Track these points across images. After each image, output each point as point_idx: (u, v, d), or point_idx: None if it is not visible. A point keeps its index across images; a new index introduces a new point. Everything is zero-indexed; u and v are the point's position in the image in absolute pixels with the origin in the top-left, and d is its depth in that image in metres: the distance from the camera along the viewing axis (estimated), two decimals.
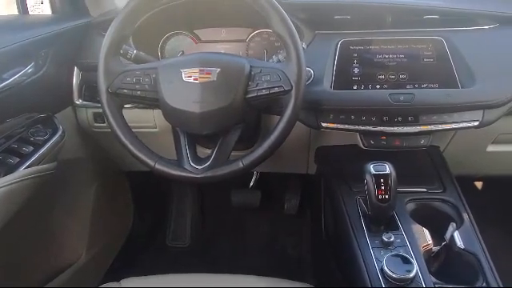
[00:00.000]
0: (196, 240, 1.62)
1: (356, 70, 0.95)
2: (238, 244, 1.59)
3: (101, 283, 0.87)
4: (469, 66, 0.92)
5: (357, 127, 0.93)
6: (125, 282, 0.88)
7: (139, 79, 0.82)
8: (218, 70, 0.79)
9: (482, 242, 0.81)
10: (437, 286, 0.73)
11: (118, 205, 1.46)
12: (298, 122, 0.96)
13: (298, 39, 0.79)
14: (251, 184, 1.63)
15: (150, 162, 0.82)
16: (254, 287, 0.85)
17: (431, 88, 0.92)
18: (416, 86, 0.93)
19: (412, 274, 0.71)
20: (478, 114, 0.91)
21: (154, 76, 0.82)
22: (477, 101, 0.90)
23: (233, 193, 1.61)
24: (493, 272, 0.74)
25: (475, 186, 1.55)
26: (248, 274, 0.88)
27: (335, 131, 0.97)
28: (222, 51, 1.11)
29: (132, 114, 1.05)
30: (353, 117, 0.93)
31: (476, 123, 0.91)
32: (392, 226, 0.84)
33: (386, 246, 0.79)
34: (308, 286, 0.88)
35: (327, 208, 1.15)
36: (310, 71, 0.94)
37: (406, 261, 0.72)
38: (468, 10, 0.99)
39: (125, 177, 1.45)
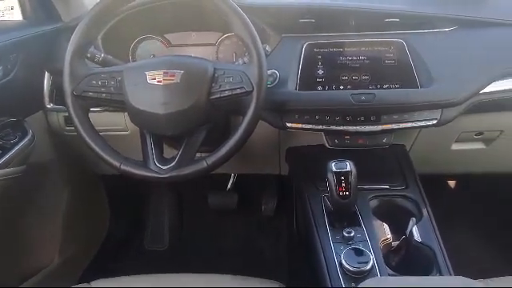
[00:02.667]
0: (174, 243, 1.62)
1: (320, 72, 0.98)
2: (215, 246, 1.60)
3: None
4: (428, 67, 0.95)
5: (321, 127, 0.96)
6: (95, 283, 0.89)
7: (105, 82, 0.84)
8: (182, 72, 0.81)
9: (439, 235, 0.84)
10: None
11: (93, 208, 1.46)
12: (265, 123, 1.00)
13: (259, 42, 0.81)
14: (228, 186, 1.64)
15: (115, 163, 0.83)
16: (223, 287, 0.86)
17: (392, 88, 0.95)
18: (378, 86, 0.96)
19: (368, 267, 0.73)
20: (437, 113, 0.94)
21: (119, 79, 0.84)
22: (435, 100, 0.93)
23: (210, 195, 1.62)
24: (446, 262, 0.77)
25: (447, 184, 1.59)
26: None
27: (303, 131, 1.00)
28: (192, 55, 1.13)
29: (103, 118, 1.08)
30: (317, 117, 0.95)
31: (434, 121, 0.94)
32: (354, 222, 0.87)
33: (347, 240, 0.82)
34: (277, 284, 0.90)
35: (298, 208, 1.17)
36: (275, 73, 0.97)
37: (363, 254, 0.75)
38: (428, 14, 1.02)
39: (100, 180, 1.46)
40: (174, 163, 0.84)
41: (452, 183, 1.60)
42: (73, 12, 1.16)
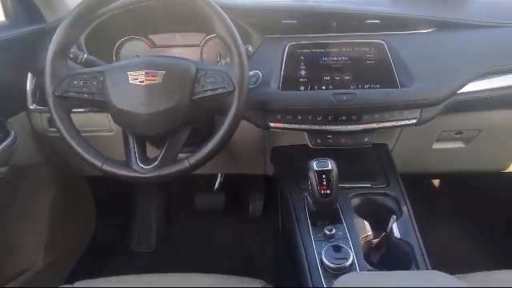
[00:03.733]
0: (161, 244, 1.62)
1: (303, 72, 0.99)
2: (203, 247, 1.60)
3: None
4: (408, 68, 0.97)
5: (303, 126, 0.97)
6: (78, 284, 0.88)
7: (87, 82, 0.84)
8: (164, 72, 0.82)
9: (418, 232, 0.85)
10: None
11: (79, 210, 1.45)
12: (250, 123, 1.01)
13: (240, 42, 0.82)
14: (216, 187, 1.65)
15: (97, 163, 0.84)
16: (203, 287, 0.86)
17: (373, 88, 0.97)
18: (359, 86, 0.97)
19: (348, 263, 0.75)
20: (416, 112, 0.96)
21: (101, 79, 0.84)
22: (414, 100, 0.95)
23: (197, 196, 1.62)
24: (424, 258, 0.79)
25: (430, 183, 1.62)
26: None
27: (287, 131, 1.01)
28: (177, 55, 1.13)
29: (87, 119, 1.08)
30: (299, 116, 0.97)
31: (414, 121, 0.96)
32: (335, 220, 0.88)
33: (328, 238, 0.83)
34: (260, 282, 0.90)
35: (283, 207, 1.18)
36: (258, 73, 0.98)
37: (343, 251, 0.76)
38: (408, 16, 1.05)
39: (85, 182, 1.45)
40: (156, 163, 0.84)
41: (434, 182, 1.63)
42: (57, 13, 1.16)
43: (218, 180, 1.65)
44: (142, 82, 0.82)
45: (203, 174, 1.40)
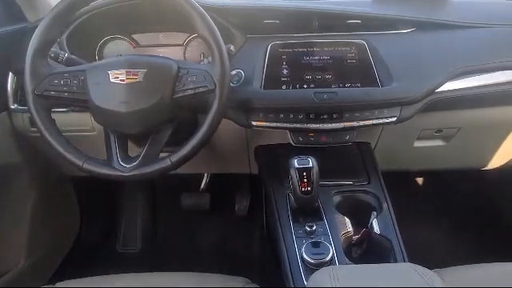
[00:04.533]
0: (147, 245, 1.61)
1: (285, 71, 1.00)
2: (189, 247, 1.60)
3: None
4: (387, 67, 0.99)
5: (285, 125, 0.98)
6: (60, 284, 0.88)
7: (67, 81, 0.84)
8: (145, 71, 0.82)
9: (397, 227, 0.87)
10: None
11: (62, 211, 1.44)
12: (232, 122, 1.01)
13: (221, 41, 0.83)
14: (202, 187, 1.65)
15: (78, 162, 0.83)
16: (185, 286, 0.86)
17: (354, 87, 0.99)
18: (340, 85, 0.99)
19: (327, 258, 0.76)
20: (396, 111, 0.98)
21: (82, 78, 0.84)
22: (394, 98, 0.97)
23: (183, 196, 1.62)
24: (402, 253, 0.80)
25: (412, 180, 1.64)
26: None
27: (270, 130, 1.02)
28: (160, 55, 1.14)
29: (69, 118, 1.07)
30: (281, 115, 0.97)
31: (394, 119, 0.98)
32: (317, 217, 0.89)
33: (309, 234, 0.84)
34: (242, 280, 0.91)
35: (267, 205, 1.19)
36: (240, 72, 0.98)
37: (322, 246, 0.77)
38: (388, 16, 1.06)
39: (69, 182, 1.44)
40: (137, 161, 0.84)
41: (416, 179, 1.66)
42: (39, 13, 1.15)
43: (204, 180, 1.65)
44: (123, 80, 0.82)
45: (189, 173, 1.40)
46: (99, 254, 1.55)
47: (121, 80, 0.82)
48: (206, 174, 1.65)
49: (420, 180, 1.63)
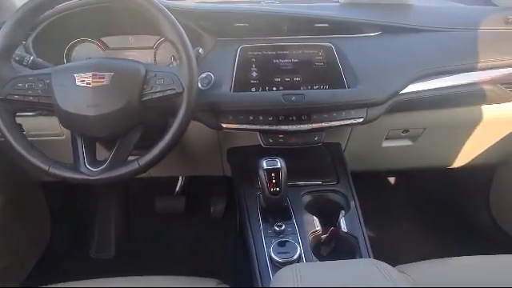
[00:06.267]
0: (121, 250, 1.59)
1: (254, 74, 1.02)
2: (164, 251, 1.59)
3: None
4: (354, 69, 1.02)
5: (255, 127, 0.99)
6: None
7: (32, 85, 0.83)
8: (112, 74, 0.82)
9: (363, 225, 0.90)
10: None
11: (33, 217, 1.40)
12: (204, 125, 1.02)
13: (188, 43, 0.83)
14: (176, 190, 1.65)
15: (44, 167, 0.82)
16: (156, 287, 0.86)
17: (321, 89, 1.01)
18: (308, 87, 1.01)
19: (295, 257, 0.77)
20: (363, 112, 1.00)
21: (47, 81, 0.83)
22: (360, 99, 0.99)
23: (157, 199, 1.61)
24: (367, 250, 0.83)
25: (382, 180, 1.69)
26: None
27: (241, 132, 1.03)
28: (130, 58, 1.13)
29: (37, 123, 1.05)
30: (251, 117, 0.99)
31: (361, 120, 1.00)
32: (286, 217, 0.91)
33: (278, 234, 0.86)
34: (214, 281, 0.91)
35: (239, 206, 1.20)
36: (210, 75, 0.99)
37: (288, 245, 0.79)
38: (354, 20, 1.09)
39: (39, 188, 1.41)
40: (105, 165, 0.84)
41: (385, 178, 1.70)
42: (3, 14, 1.12)
43: (179, 183, 1.65)
44: (90, 84, 0.81)
45: (163, 176, 1.39)
46: (71, 261, 1.52)
47: (87, 83, 0.81)
48: (181, 177, 1.65)
49: (389, 179, 1.68)
